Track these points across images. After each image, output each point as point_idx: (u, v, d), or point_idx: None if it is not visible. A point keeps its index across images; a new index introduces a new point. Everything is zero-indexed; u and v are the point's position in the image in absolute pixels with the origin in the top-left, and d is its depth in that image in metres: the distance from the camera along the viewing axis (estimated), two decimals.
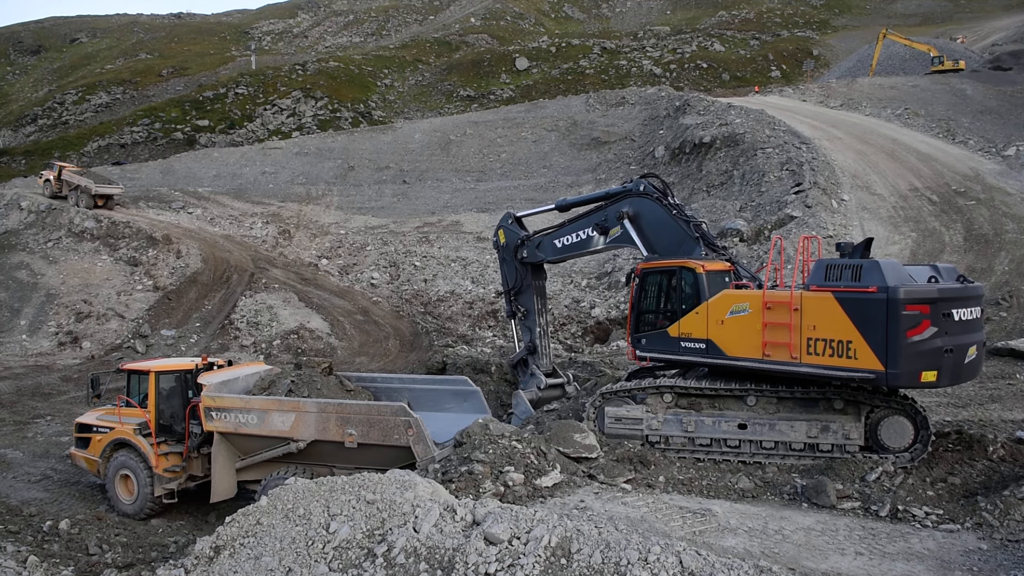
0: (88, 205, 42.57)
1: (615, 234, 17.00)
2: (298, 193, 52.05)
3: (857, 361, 12.00)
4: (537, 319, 19.28)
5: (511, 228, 19.41)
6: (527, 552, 7.97)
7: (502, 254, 19.66)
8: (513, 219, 19.66)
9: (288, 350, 30.32)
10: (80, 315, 33.57)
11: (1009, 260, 25.83)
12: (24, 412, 24.16)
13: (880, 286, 11.78)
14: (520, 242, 19.02)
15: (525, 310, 19.43)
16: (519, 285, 19.33)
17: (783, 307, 12.80)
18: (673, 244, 15.89)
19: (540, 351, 19.26)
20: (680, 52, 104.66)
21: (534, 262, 19.08)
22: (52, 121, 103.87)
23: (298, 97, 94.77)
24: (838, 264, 12.55)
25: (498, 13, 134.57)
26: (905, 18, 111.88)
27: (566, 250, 18.35)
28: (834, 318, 12.23)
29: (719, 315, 13.69)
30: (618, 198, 17.08)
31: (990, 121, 43.23)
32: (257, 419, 15.17)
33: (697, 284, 14.28)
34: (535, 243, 18.77)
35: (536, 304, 19.32)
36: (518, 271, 19.26)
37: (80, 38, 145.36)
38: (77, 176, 43.81)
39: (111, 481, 16.84)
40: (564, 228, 18.24)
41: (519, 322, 19.70)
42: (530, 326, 19.35)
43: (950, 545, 10.03)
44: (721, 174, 38.73)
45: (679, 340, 14.34)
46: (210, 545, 9.41)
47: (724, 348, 13.64)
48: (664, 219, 16.28)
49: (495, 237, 19.98)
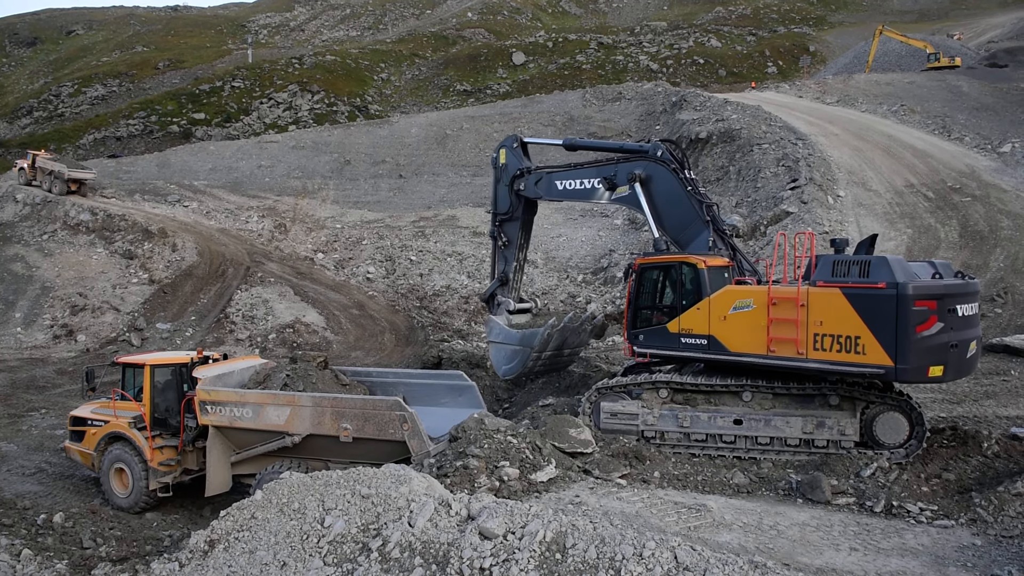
0: (61, 191, 42.85)
1: (621, 193, 16.69)
2: (294, 187, 51.95)
3: (866, 356, 12.03)
4: (517, 253, 19.15)
5: (515, 153, 18.87)
6: (522, 547, 7.97)
7: (498, 174, 19.18)
8: (519, 143, 19.12)
9: (284, 344, 30.27)
10: (75, 308, 33.49)
11: (1004, 257, 25.86)
12: (18, 405, 24.08)
13: (889, 282, 11.83)
14: (520, 172, 18.57)
15: (508, 240, 19.19)
16: (509, 214, 19.00)
17: (789, 303, 12.78)
18: (682, 222, 15.65)
19: (511, 284, 19.29)
20: (677, 48, 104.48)
21: (530, 197, 18.68)
22: (48, 113, 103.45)
23: (294, 91, 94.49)
24: (845, 260, 12.57)
25: (495, 8, 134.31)
26: (901, 14, 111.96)
27: (566, 195, 18.02)
28: (842, 314, 12.25)
29: (722, 311, 13.65)
30: (632, 156, 16.70)
31: (986, 118, 43.28)
32: (252, 413, 15.13)
33: (699, 280, 14.18)
34: (535, 178, 18.29)
35: (520, 238, 19.13)
36: (512, 200, 18.87)
37: (76, 30, 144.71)
38: (50, 162, 44.18)
39: (105, 474, 16.79)
40: (569, 171, 17.81)
41: (499, 250, 19.49)
42: (508, 256, 19.21)
43: (944, 541, 10.06)
44: (717, 170, 38.74)
45: (679, 336, 14.24)
46: (205, 539, 9.39)
47: (727, 344, 13.61)
48: (677, 193, 15.88)
49: (495, 155, 19.38)
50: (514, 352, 18.95)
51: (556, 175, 17.93)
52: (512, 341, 18.88)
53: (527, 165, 18.58)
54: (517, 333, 18.81)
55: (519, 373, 19.37)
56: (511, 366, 19.27)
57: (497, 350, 19.62)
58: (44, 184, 43.46)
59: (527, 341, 18.52)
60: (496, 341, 19.46)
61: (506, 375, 19.81)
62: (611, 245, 37.17)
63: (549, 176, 18.07)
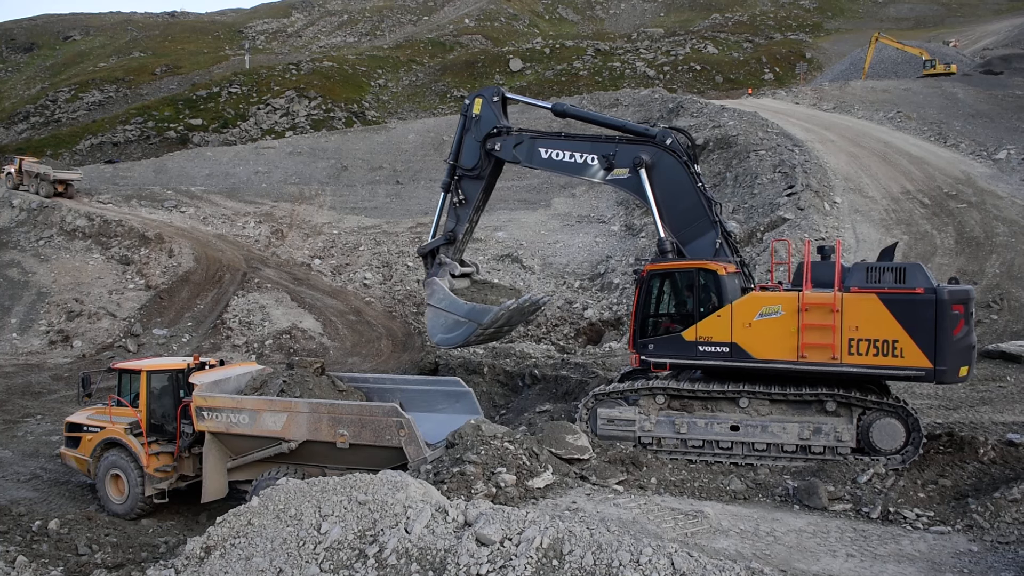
0: (48, 193, 43.86)
1: (620, 175, 15.58)
2: (291, 193, 51.92)
3: (904, 359, 12.44)
4: (472, 214, 17.64)
5: (493, 107, 17.13)
6: (519, 553, 7.96)
7: (468, 125, 17.40)
8: (500, 98, 17.35)
9: (280, 350, 30.24)
10: (71, 314, 33.43)
11: (1000, 263, 25.90)
12: (14, 411, 24.04)
13: (927, 287, 12.36)
14: (497, 131, 16.92)
15: (464, 198, 17.57)
16: (475, 172, 17.33)
17: (822, 309, 12.91)
18: (687, 217, 14.90)
19: (458, 244, 17.83)
20: (674, 54, 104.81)
21: (504, 160, 17.11)
22: (44, 119, 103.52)
23: (292, 97, 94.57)
24: (878, 267, 12.95)
25: (492, 14, 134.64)
26: (897, 22, 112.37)
27: (551, 165, 16.46)
28: (879, 318, 12.57)
29: (746, 318, 13.52)
30: (636, 139, 15.73)
31: (981, 125, 43.39)
32: (249, 419, 15.13)
33: (719, 286, 13.93)
34: (515, 140, 16.68)
35: (479, 199, 17.61)
36: (480, 158, 17.19)
37: (73, 36, 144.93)
38: (36, 165, 45.82)
39: (101, 481, 16.77)
40: (558, 140, 16.44)
41: (451, 206, 17.79)
42: (461, 216, 17.63)
43: (941, 547, 10.07)
44: (714, 176, 38.74)
45: (696, 344, 13.96)
46: (201, 545, 9.36)
47: (751, 351, 13.50)
48: (685, 186, 15.01)
49: (468, 102, 17.55)
50: (457, 323, 17.39)
51: (542, 142, 16.52)
52: (458, 312, 17.31)
53: (505, 124, 16.97)
54: (465, 305, 17.22)
55: (456, 346, 18.16)
56: (450, 336, 17.67)
57: (437, 315, 17.87)
58: (31, 187, 44.47)
59: (476, 316, 17.04)
60: (438, 307, 17.77)
61: (442, 344, 18.40)
62: (608, 251, 37.17)
63: (533, 141, 16.57)
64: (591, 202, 44.57)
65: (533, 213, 43.96)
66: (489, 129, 16.98)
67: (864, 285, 12.81)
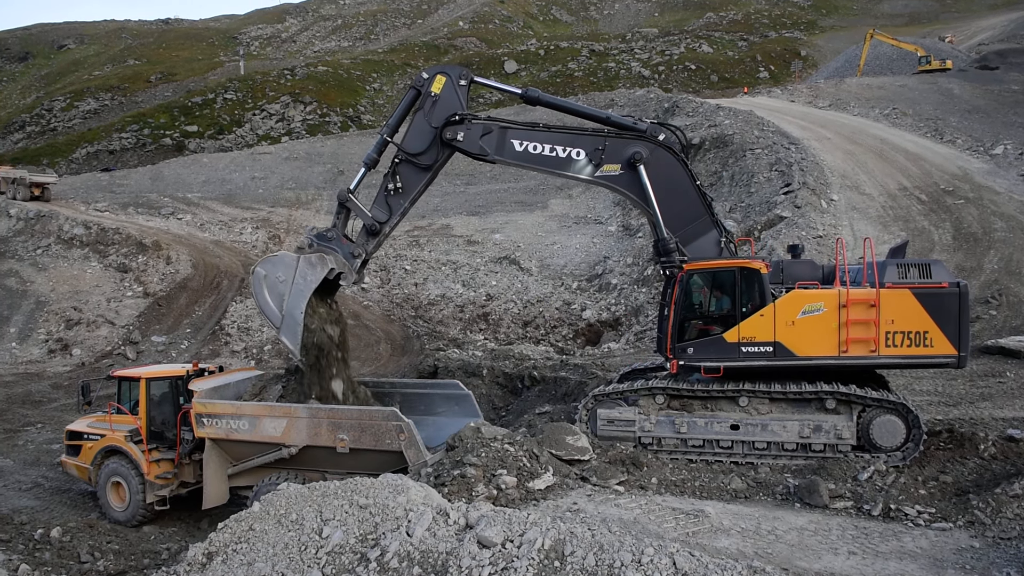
0: (25, 196, 45.43)
1: (610, 171, 14.37)
2: (288, 198, 51.91)
3: (933, 348, 13.19)
4: (407, 206, 15.43)
5: (458, 90, 14.98)
6: (520, 555, 7.96)
7: (422, 103, 15.10)
8: (469, 81, 15.16)
9: (279, 355, 30.22)
10: (70, 322, 33.41)
11: (998, 259, 25.91)
12: (14, 420, 24.03)
13: (951, 282, 13.22)
14: (459, 118, 14.82)
15: (401, 187, 15.26)
16: (421, 161, 15.07)
17: (862, 304, 13.32)
18: (685, 217, 14.33)
19: (379, 239, 15.85)
20: (668, 54, 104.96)
21: (468, 152, 14.98)
22: (40, 128, 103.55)
23: (287, 102, 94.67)
24: (905, 263, 13.63)
25: (486, 16, 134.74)
26: (892, 18, 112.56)
27: (527, 159, 14.75)
28: (912, 311, 13.21)
29: (789, 316, 13.51)
30: (626, 134, 14.54)
31: (978, 120, 43.44)
32: (248, 425, 15.11)
33: (762, 285, 13.75)
34: (482, 130, 14.71)
35: (420, 189, 15.44)
36: (432, 142, 14.93)
37: (68, 44, 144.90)
38: (12, 171, 47.69)
39: (102, 488, 16.76)
40: (535, 131, 14.70)
41: (385, 193, 15.45)
42: (393, 205, 15.39)
43: (942, 543, 10.06)
44: (710, 175, 38.76)
45: (739, 345, 13.75)
46: (203, 551, 9.36)
47: (794, 349, 13.56)
48: (683, 184, 14.27)
49: (428, 77, 15.18)
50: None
51: (516, 132, 14.77)
52: (273, 320, 15.45)
53: (468, 112, 14.99)
54: (280, 317, 15.21)
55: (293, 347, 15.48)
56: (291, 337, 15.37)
57: (260, 294, 15.66)
58: (8, 193, 45.54)
59: (285, 332, 15.18)
60: (260, 297, 15.58)
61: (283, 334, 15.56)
62: (605, 252, 37.18)
63: (504, 132, 14.73)
64: (588, 203, 44.59)
65: (530, 215, 43.96)
66: (449, 115, 14.85)
67: (897, 281, 13.38)
